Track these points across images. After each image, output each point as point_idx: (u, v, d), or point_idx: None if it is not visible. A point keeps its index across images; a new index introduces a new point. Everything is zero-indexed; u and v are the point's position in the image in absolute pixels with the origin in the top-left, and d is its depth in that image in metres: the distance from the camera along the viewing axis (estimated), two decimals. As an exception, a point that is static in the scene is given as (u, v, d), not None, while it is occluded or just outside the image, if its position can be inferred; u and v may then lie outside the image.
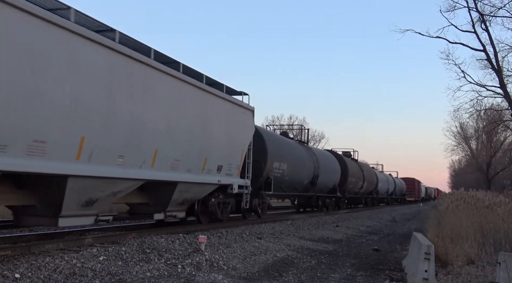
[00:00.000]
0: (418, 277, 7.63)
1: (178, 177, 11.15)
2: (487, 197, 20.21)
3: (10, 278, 6.17)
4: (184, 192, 11.73)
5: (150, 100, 9.75)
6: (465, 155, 68.36)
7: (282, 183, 18.77)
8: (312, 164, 22.61)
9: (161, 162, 10.30)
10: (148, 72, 9.75)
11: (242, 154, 14.57)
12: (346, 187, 29.10)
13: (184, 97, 11.18)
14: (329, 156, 27.86)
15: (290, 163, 19.31)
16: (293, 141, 22.65)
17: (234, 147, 13.88)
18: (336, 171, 27.26)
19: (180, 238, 10.31)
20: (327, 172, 24.83)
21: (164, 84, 10.36)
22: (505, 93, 28.02)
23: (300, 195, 23.03)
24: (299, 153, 21.48)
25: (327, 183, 25.19)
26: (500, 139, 52.13)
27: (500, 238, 10.89)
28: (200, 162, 12.08)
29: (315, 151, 25.20)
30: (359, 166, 34.56)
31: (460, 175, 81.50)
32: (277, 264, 9.40)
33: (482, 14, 27.11)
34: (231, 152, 13.70)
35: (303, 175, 21.56)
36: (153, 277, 7.25)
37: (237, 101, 14.19)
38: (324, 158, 25.50)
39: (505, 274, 6.65)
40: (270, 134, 19.51)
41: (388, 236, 17.19)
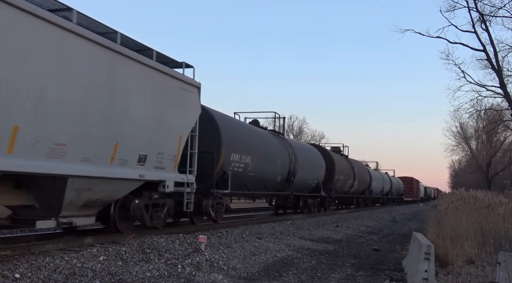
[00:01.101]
0: (418, 277, 7.63)
1: (66, 169, 7.99)
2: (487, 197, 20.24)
3: (10, 278, 6.17)
4: (84, 190, 8.64)
5: (4, 53, 6.80)
6: (465, 155, 68.45)
7: (246, 180, 15.62)
8: (287, 158, 19.13)
9: (28, 146, 7.20)
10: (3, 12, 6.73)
11: (180, 142, 11.23)
12: (332, 185, 25.89)
13: (77, 56, 8.08)
14: (311, 150, 24.35)
15: (256, 156, 15.98)
16: (263, 131, 18.83)
17: (166, 132, 10.57)
18: (320, 167, 23.71)
19: (180, 238, 10.31)
20: (307, 168, 21.45)
21: (35, 34, 7.28)
22: (505, 93, 28.02)
23: (273, 195, 19.70)
24: (271, 145, 18.14)
25: (307, 181, 21.86)
26: (500, 139, 52.15)
27: (500, 238, 10.89)
28: (106, 148, 8.90)
29: (292, 143, 21.38)
30: (349, 163, 31.35)
31: (460, 175, 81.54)
32: (277, 264, 9.40)
33: (482, 14, 27.13)
34: (161, 138, 10.40)
35: (275, 171, 18.08)
36: (153, 277, 7.25)
37: (173, 73, 10.96)
38: (303, 152, 21.99)
39: (505, 274, 6.65)
40: (227, 120, 15.36)
41: (388, 236, 17.19)
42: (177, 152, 11.17)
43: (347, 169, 29.63)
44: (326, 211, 25.86)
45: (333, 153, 28.42)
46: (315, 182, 23.01)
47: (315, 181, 23.00)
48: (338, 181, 27.04)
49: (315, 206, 23.93)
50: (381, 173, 47.32)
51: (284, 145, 19.70)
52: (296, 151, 20.40)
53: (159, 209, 11.35)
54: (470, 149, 61.62)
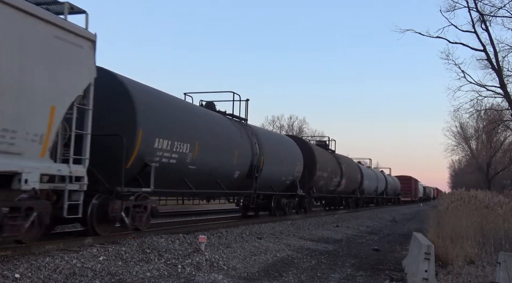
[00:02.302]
0: (418, 277, 7.63)
1: None
2: (487, 197, 20.24)
3: (10, 278, 6.17)
4: None
5: None
6: (465, 155, 68.42)
7: (185, 175, 12.14)
8: (248, 149, 15.61)
9: None
10: None
11: (53, 115, 7.75)
12: (314, 183, 22.48)
13: None
14: (284, 141, 20.51)
15: (200, 144, 12.36)
16: (215, 114, 15.00)
17: (23, 99, 7.21)
18: (296, 162, 19.98)
19: (180, 238, 10.32)
20: (278, 163, 18.17)
21: None
22: (505, 93, 28.02)
23: (230, 194, 16.21)
24: (224, 132, 14.39)
25: (279, 177, 18.46)
26: (500, 139, 52.11)
27: (500, 238, 10.89)
28: None
29: (258, 131, 17.51)
30: (336, 158, 27.80)
31: (460, 175, 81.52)
32: (277, 264, 9.40)
33: (482, 14, 27.13)
34: (12, 108, 7.02)
35: (230, 164, 14.45)
36: (153, 277, 7.25)
37: (42, 14, 7.63)
38: (273, 143, 18.31)
39: (505, 274, 6.65)
40: (149, 93, 11.38)
41: (388, 236, 17.20)
42: (46, 130, 7.65)
43: (333, 165, 26.26)
44: (307, 213, 22.63)
45: (315, 146, 25.12)
46: (289, 179, 19.49)
47: (289, 178, 19.46)
48: (320, 179, 23.45)
49: (291, 207, 20.22)
50: (375, 171, 44.44)
51: (246, 133, 15.99)
52: (262, 141, 16.85)
53: (19, 216, 7.31)
54: (470, 149, 61.63)
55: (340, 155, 30.80)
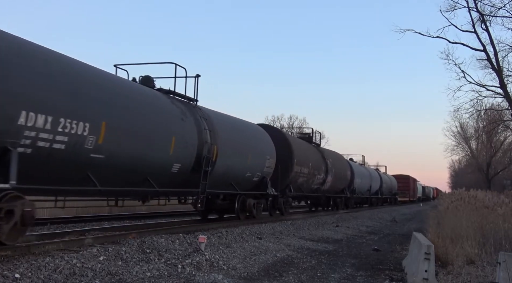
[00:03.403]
0: (418, 277, 7.63)
1: None
2: (487, 197, 20.21)
3: (10, 278, 6.17)
4: None
5: None
6: (465, 155, 68.37)
7: (85, 166, 8.94)
8: (194, 136, 12.21)
9: None
10: None
11: None
12: (290, 181, 19.43)
13: None
14: (250, 130, 16.93)
15: (110, 125, 9.22)
16: (145, 89, 11.48)
17: None
18: (265, 155, 16.75)
19: (180, 238, 10.32)
20: (240, 155, 14.99)
21: None
22: (505, 93, 28.02)
23: (165, 193, 12.36)
24: (153, 112, 10.91)
25: (241, 173, 15.23)
26: (500, 139, 52.11)
27: (500, 238, 10.88)
28: None
29: (210, 115, 13.67)
30: (320, 153, 24.61)
31: (460, 175, 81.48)
32: (277, 264, 9.41)
33: (482, 14, 27.12)
34: None
35: (164, 154, 11.14)
36: (153, 277, 7.26)
37: None
38: (232, 131, 15.00)
39: (505, 274, 6.65)
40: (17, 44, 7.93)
41: (388, 236, 17.20)
42: None
43: (316, 160, 22.93)
44: (283, 215, 19.78)
45: (293, 138, 21.93)
46: (258, 175, 16.32)
47: (257, 174, 16.27)
48: (299, 175, 20.28)
49: (259, 208, 17.11)
50: (369, 168, 41.07)
51: (192, 116, 12.50)
52: (216, 127, 13.45)
53: None
54: (470, 149, 61.60)
55: (326, 149, 28.61)
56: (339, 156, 30.20)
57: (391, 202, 49.92)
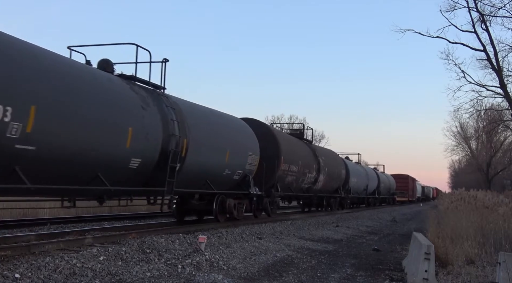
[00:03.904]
0: (418, 277, 7.63)
1: None
2: (487, 197, 20.24)
3: (10, 278, 6.17)
4: None
5: None
6: (465, 155, 68.37)
7: (11, 160, 7.54)
8: (158, 127, 10.86)
9: None
10: None
11: None
12: (277, 180, 18.23)
13: None
14: (229, 123, 15.32)
15: (43, 110, 7.80)
16: (97, 72, 10.06)
17: None
18: (247, 151, 15.34)
19: (180, 238, 10.32)
20: (217, 151, 13.47)
21: None
22: (505, 93, 28.02)
23: (120, 192, 10.63)
24: (104, 99, 9.47)
25: (219, 171, 13.77)
26: (500, 139, 52.14)
27: (500, 238, 10.89)
28: None
29: (180, 105, 12.24)
30: (312, 150, 23.28)
31: (460, 175, 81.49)
32: (277, 264, 9.41)
33: (482, 14, 27.12)
34: None
35: (119, 148, 9.73)
36: (153, 277, 7.26)
37: None
38: (207, 123, 13.43)
39: (505, 274, 6.65)
40: None
41: (388, 236, 17.20)
42: None
43: (307, 158, 21.64)
44: (270, 216, 18.25)
45: (280, 133, 20.59)
46: (238, 173, 14.95)
47: (238, 172, 14.89)
48: (287, 174, 19.08)
49: (241, 209, 15.75)
50: (365, 167, 39.88)
51: (157, 105, 11.11)
52: (187, 118, 12.09)
53: None
54: (470, 149, 61.60)
55: (318, 146, 27.34)
56: (333, 154, 28.80)
57: (389, 202, 48.86)
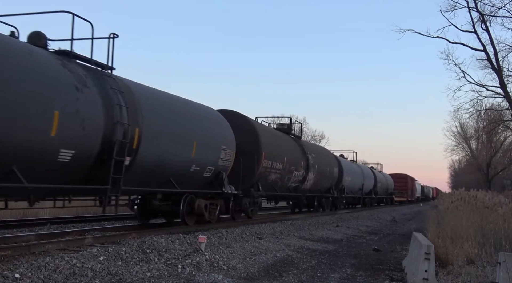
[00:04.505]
0: (418, 277, 7.63)
1: None
2: (487, 197, 20.23)
3: (10, 278, 6.17)
4: None
5: None
6: (465, 155, 68.37)
7: None
8: (99, 112, 9.12)
9: None
10: None
11: None
12: (258, 178, 16.45)
13: None
14: (201, 113, 13.31)
15: None
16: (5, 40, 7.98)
17: None
18: (220, 145, 13.40)
19: (180, 238, 10.32)
20: (180, 143, 11.62)
21: None
22: (505, 93, 28.02)
23: (39, 190, 8.44)
24: (17, 74, 7.62)
25: (184, 166, 11.95)
26: (500, 139, 52.13)
27: (500, 238, 10.89)
28: None
29: (131, 87, 10.45)
30: (300, 146, 21.44)
31: (460, 175, 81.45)
32: (277, 264, 9.40)
33: (482, 14, 27.13)
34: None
35: (42, 137, 7.95)
36: (153, 277, 7.26)
37: None
38: (167, 112, 11.38)
39: (505, 274, 6.65)
40: None
41: (388, 236, 17.20)
42: None
43: (294, 154, 19.83)
44: (251, 218, 16.59)
45: (261, 126, 18.41)
46: (210, 170, 13.06)
47: (209, 169, 13.00)
48: (270, 171, 17.33)
49: (214, 211, 13.83)
50: (361, 166, 38.15)
51: (98, 85, 9.29)
52: (140, 103, 10.21)
53: None
54: (470, 149, 61.60)
55: (308, 142, 25.60)
56: (324, 151, 27.31)
57: (387, 202, 47.51)
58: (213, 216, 13.83)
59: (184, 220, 12.64)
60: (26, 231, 11.09)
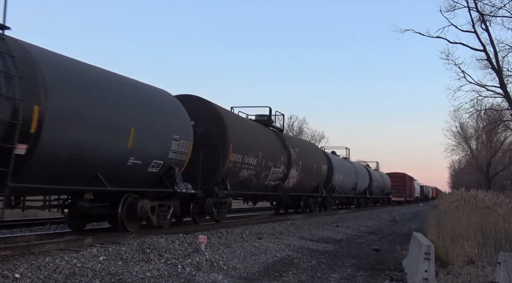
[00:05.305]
0: (418, 277, 7.63)
1: None
2: (487, 197, 20.21)
3: (10, 278, 6.17)
4: None
5: None
6: (465, 155, 68.40)
7: None
8: None
9: None
10: None
11: None
12: (226, 175, 14.04)
13: None
14: (143, 94, 10.92)
15: None
16: None
17: None
18: (172, 134, 11.23)
19: (180, 238, 10.32)
20: (110, 129, 9.38)
21: None
22: (505, 93, 28.03)
23: None
24: None
25: (120, 160, 9.76)
26: (500, 139, 52.15)
27: (500, 238, 10.89)
28: None
29: (31, 51, 8.03)
30: (281, 139, 18.89)
31: (460, 175, 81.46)
32: (277, 264, 9.40)
33: (482, 14, 27.15)
34: None
35: None
36: (153, 277, 7.25)
37: None
38: (91, 89, 9.08)
39: (505, 274, 6.65)
40: None
41: (388, 236, 17.20)
42: None
43: (272, 148, 17.53)
44: (219, 222, 14.45)
45: (231, 114, 15.82)
46: (157, 165, 10.79)
47: (156, 163, 10.74)
48: (242, 167, 14.96)
49: (165, 214, 11.77)
50: (355, 164, 35.73)
51: None
52: (47, 74, 8.00)
53: None
54: (470, 149, 61.63)
55: (291, 136, 23.14)
56: (311, 146, 25.05)
57: (384, 202, 45.67)
58: (163, 221, 11.71)
59: (123, 225, 10.39)
60: (26, 231, 11.08)
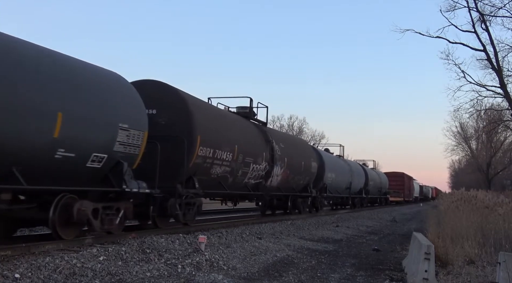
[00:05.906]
0: (418, 277, 7.63)
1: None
2: (487, 197, 20.20)
3: (10, 278, 6.17)
4: None
5: None
6: (465, 155, 68.45)
7: None
8: None
9: None
10: None
11: None
12: (194, 172, 12.34)
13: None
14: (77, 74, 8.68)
15: None
16: None
17: None
18: (119, 122, 9.34)
19: (180, 238, 10.31)
20: (27, 117, 7.40)
21: None
22: (505, 93, 28.05)
23: None
24: None
25: (42, 152, 7.79)
26: (500, 139, 52.21)
27: (501, 238, 10.88)
28: None
29: None
30: (262, 133, 17.14)
31: (460, 175, 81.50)
32: (277, 264, 9.40)
33: (482, 14, 27.19)
34: None
35: None
36: (153, 277, 7.25)
37: None
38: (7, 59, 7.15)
39: (505, 274, 6.65)
40: None
41: (388, 236, 17.19)
42: None
43: (252, 143, 15.82)
44: (188, 224, 12.65)
45: (199, 102, 13.60)
46: (96, 157, 8.95)
47: (95, 156, 8.91)
48: (213, 163, 13.12)
49: (112, 218, 9.78)
50: (349, 162, 34.01)
51: None
52: None
53: None
54: (470, 149, 61.65)
55: (276, 130, 21.38)
56: (298, 141, 23.19)
57: (381, 202, 44.05)
58: (109, 225, 9.72)
59: (56, 231, 8.54)
60: (26, 231, 11.07)
